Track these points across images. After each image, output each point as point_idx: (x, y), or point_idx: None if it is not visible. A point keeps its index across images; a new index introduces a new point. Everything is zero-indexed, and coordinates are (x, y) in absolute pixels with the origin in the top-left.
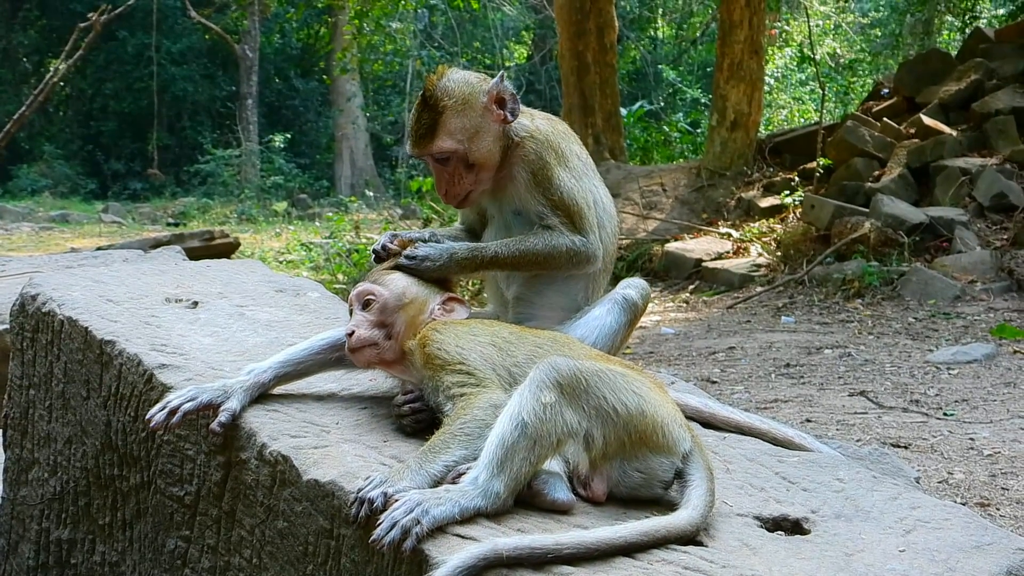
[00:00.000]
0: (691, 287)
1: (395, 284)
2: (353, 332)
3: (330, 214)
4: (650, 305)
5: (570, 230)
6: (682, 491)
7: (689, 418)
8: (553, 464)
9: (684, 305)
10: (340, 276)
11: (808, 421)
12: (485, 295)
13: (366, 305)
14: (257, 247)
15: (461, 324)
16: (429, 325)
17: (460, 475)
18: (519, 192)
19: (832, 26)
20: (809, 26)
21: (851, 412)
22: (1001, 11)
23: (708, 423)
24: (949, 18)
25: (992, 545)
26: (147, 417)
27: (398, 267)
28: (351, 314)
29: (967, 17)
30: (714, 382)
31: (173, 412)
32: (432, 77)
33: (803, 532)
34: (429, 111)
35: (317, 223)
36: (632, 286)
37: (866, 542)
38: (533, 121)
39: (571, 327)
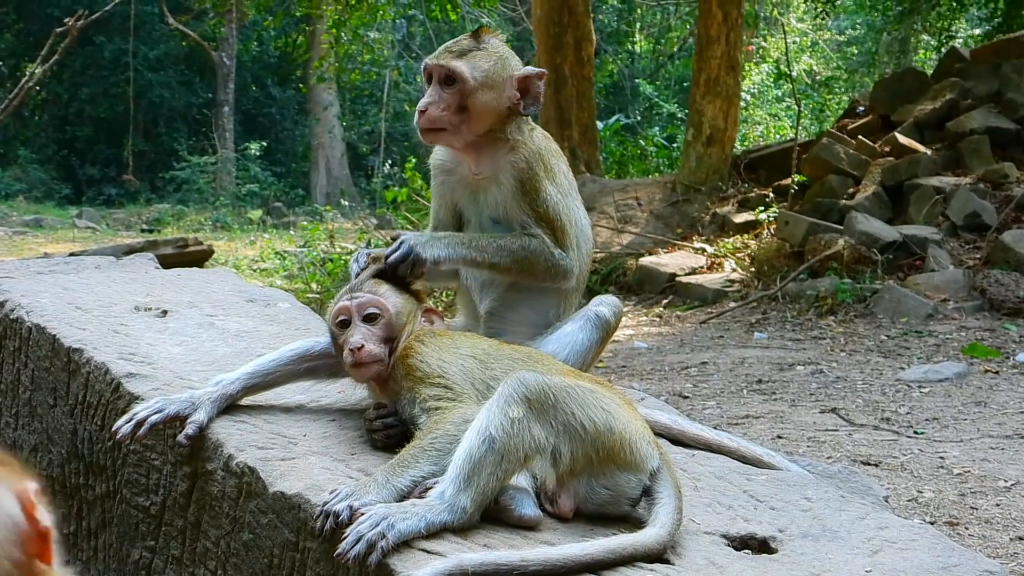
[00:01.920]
0: (664, 302)
1: (394, 298)
2: (363, 346)
3: (305, 223)
4: (623, 319)
5: (552, 242)
6: (650, 508)
7: (658, 435)
8: (521, 479)
9: (657, 319)
10: (314, 285)
11: (779, 438)
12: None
13: (371, 319)
14: (231, 255)
15: (445, 336)
16: (413, 335)
17: (427, 489)
18: (505, 198)
19: (809, 43)
20: (786, 43)
21: (822, 429)
22: (977, 31)
23: (677, 440)
24: (925, 37)
25: (959, 566)
26: (113, 429)
27: (380, 273)
28: (347, 325)
29: (943, 37)
30: (686, 397)
31: (140, 424)
32: (489, 27)
33: (770, 551)
34: (472, 40)
35: (292, 232)
36: (605, 303)
37: (833, 562)
38: (532, 132)
39: (543, 343)
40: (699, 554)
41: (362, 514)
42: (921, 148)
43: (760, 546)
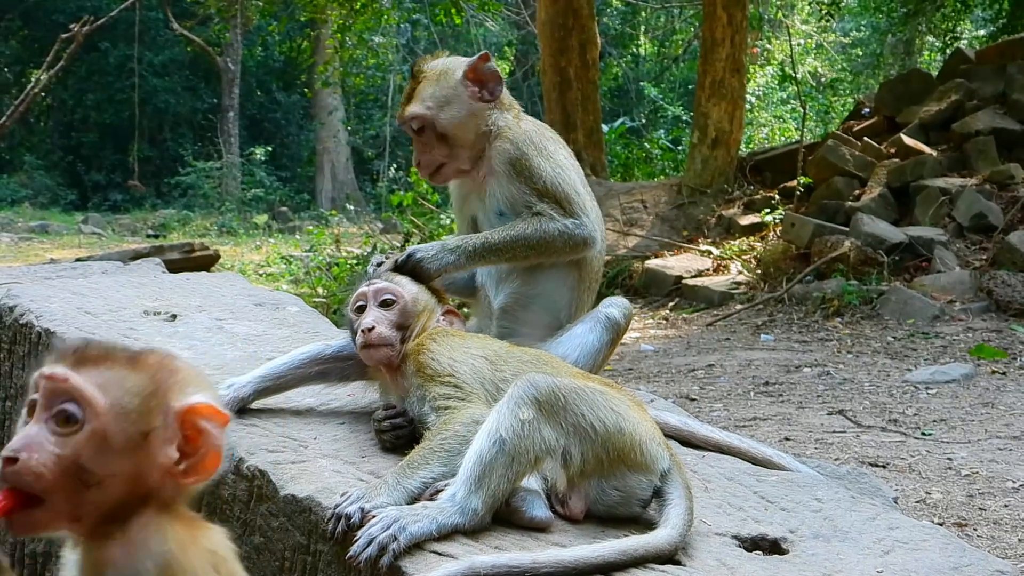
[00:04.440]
0: (671, 304)
1: (410, 287)
2: (373, 328)
3: (310, 227)
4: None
5: (560, 214)
6: (660, 510)
7: (668, 436)
8: (531, 481)
9: (664, 322)
10: (320, 290)
11: (786, 440)
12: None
13: (386, 304)
14: (237, 260)
15: (457, 336)
16: (427, 333)
17: (438, 491)
18: (502, 186)
19: (814, 45)
20: (791, 45)
21: (829, 431)
22: (982, 32)
23: (687, 442)
24: (930, 39)
25: (970, 566)
26: None
27: (397, 268)
28: (364, 310)
29: (948, 38)
30: (693, 400)
31: None
32: (428, 56)
33: (781, 552)
34: (412, 81)
35: (297, 236)
36: (615, 305)
37: (844, 562)
38: (520, 121)
39: (554, 344)
40: (710, 555)
41: (373, 516)
42: (927, 149)
43: (771, 547)
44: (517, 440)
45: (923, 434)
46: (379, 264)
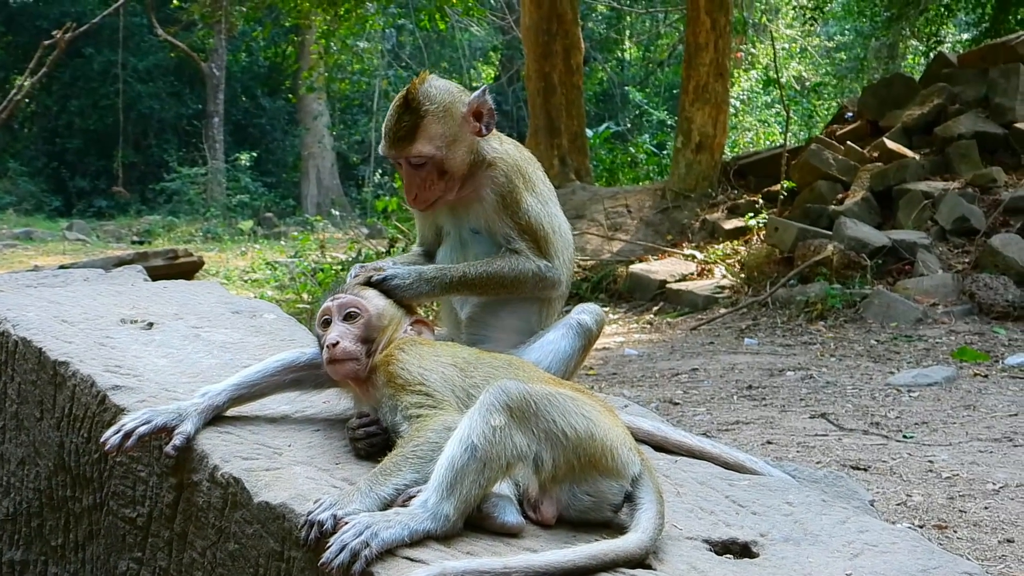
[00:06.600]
0: (655, 308)
1: (376, 301)
2: (338, 343)
3: (296, 233)
4: (614, 326)
5: (536, 255)
6: (632, 514)
7: (641, 442)
8: (503, 487)
9: (648, 326)
10: (305, 295)
11: (769, 443)
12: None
13: (350, 318)
14: (222, 266)
15: (426, 345)
16: (395, 343)
17: (411, 498)
18: (486, 213)
19: (798, 50)
20: (775, 49)
21: (812, 434)
22: (964, 36)
23: (660, 447)
24: (913, 43)
25: (939, 569)
26: (102, 440)
27: (370, 283)
28: (327, 324)
29: (931, 42)
30: (676, 404)
31: (128, 435)
32: (415, 81)
33: (751, 555)
34: (410, 114)
35: (283, 242)
36: (587, 311)
37: (814, 565)
38: (502, 144)
39: (525, 351)
40: (681, 559)
41: (346, 523)
42: (909, 153)
43: (742, 551)
44: (489, 446)
45: (905, 437)
46: (357, 275)
